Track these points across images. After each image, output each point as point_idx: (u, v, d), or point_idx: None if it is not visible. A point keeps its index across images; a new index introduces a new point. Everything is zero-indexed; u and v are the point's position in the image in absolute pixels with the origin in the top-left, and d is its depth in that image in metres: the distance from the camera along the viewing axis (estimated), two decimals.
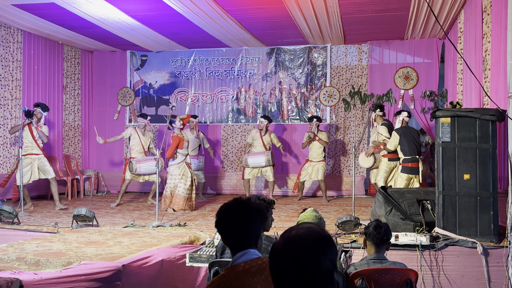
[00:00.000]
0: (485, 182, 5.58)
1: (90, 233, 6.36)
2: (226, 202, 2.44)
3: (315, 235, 1.70)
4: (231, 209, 2.38)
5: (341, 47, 11.15)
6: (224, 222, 2.37)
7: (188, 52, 11.83)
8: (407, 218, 6.01)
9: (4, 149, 9.65)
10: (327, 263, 1.66)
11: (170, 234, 6.34)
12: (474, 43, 7.34)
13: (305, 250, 1.66)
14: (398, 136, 7.87)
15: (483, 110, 5.75)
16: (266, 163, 9.87)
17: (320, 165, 9.93)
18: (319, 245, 1.68)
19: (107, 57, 12.20)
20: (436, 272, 5.45)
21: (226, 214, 2.38)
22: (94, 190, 11.49)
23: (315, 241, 1.69)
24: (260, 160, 9.89)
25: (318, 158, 9.94)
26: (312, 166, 9.96)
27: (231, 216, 2.36)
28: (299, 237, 1.70)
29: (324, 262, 1.66)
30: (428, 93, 10.40)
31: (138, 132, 9.70)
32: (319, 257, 1.66)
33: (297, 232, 1.72)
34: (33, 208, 8.77)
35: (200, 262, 4.90)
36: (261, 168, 10.04)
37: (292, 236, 1.71)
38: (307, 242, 1.68)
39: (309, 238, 1.69)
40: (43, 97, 10.61)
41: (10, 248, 5.38)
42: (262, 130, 10.09)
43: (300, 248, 1.67)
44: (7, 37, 9.73)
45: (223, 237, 2.38)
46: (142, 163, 9.31)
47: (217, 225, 2.39)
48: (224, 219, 2.37)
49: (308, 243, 1.68)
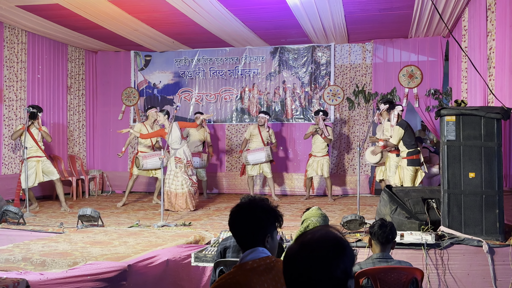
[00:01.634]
0: (490, 180, 5.56)
1: (95, 233, 6.38)
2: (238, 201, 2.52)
3: (330, 242, 1.64)
4: (240, 208, 2.43)
5: (345, 45, 11.13)
6: (233, 221, 2.42)
7: (192, 52, 11.83)
8: (412, 216, 6.00)
9: (9, 150, 9.68)
10: (338, 273, 1.60)
11: (175, 234, 6.35)
12: (478, 41, 7.32)
13: (317, 259, 1.60)
14: (403, 130, 7.80)
15: (488, 108, 5.74)
16: (266, 158, 9.85)
17: (325, 160, 9.88)
18: (333, 253, 1.61)
19: (111, 58, 12.23)
20: (442, 271, 5.44)
21: (236, 213, 2.42)
22: (99, 190, 11.52)
23: (328, 249, 1.62)
24: (260, 156, 9.86)
25: (322, 152, 9.90)
26: (316, 162, 9.92)
27: (239, 215, 2.41)
28: (313, 243, 1.64)
29: (335, 272, 1.60)
30: (432, 91, 10.37)
31: (147, 127, 9.70)
32: (330, 267, 1.60)
33: (312, 237, 1.66)
34: (39, 209, 8.80)
35: (206, 262, 4.91)
36: (260, 165, 10.02)
37: (306, 241, 1.66)
38: (320, 250, 1.62)
39: (323, 245, 1.63)
40: (48, 97, 10.65)
41: (16, 249, 5.40)
42: (263, 126, 10.07)
43: (312, 255, 1.61)
44: (11, 38, 9.76)
45: (234, 235, 2.43)
46: (149, 158, 9.32)
47: (229, 224, 2.45)
48: (233, 218, 2.42)
49: (321, 251, 1.61)
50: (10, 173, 9.64)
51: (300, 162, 11.29)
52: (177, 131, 8.60)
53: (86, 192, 10.94)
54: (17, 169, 9.72)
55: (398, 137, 7.83)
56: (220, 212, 8.45)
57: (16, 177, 9.22)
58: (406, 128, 7.81)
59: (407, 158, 7.77)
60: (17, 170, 9.71)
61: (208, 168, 10.74)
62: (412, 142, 7.76)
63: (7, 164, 9.64)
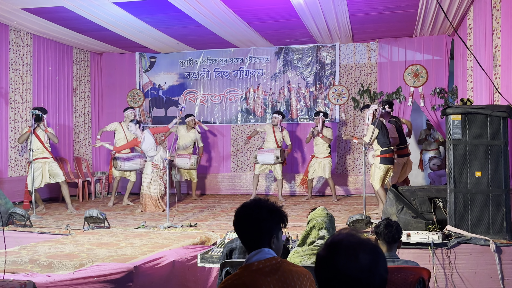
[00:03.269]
0: (497, 179, 5.53)
1: (101, 234, 6.39)
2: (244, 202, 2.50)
3: (370, 248, 1.66)
4: (245, 208, 2.43)
5: (350, 45, 11.11)
6: (238, 221, 2.42)
7: (196, 53, 11.84)
8: (418, 216, 5.98)
9: (15, 152, 9.72)
10: (377, 280, 1.63)
11: (181, 235, 6.36)
12: (484, 39, 7.28)
13: (360, 264, 1.62)
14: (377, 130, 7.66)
15: (494, 106, 5.71)
16: (275, 161, 9.86)
17: (327, 161, 9.86)
18: (372, 260, 1.64)
19: (116, 59, 12.26)
20: (449, 270, 5.42)
21: (241, 213, 2.42)
22: (105, 192, 11.54)
23: (369, 254, 1.64)
24: (269, 157, 9.87)
25: (324, 154, 9.88)
26: (318, 163, 9.92)
27: (245, 215, 2.41)
28: (354, 248, 1.65)
29: (374, 279, 1.63)
30: (438, 90, 10.34)
31: (123, 127, 9.77)
32: (373, 274, 1.62)
33: (348, 242, 1.67)
34: (45, 211, 8.82)
35: (212, 263, 4.91)
36: (271, 165, 10.04)
37: (344, 245, 1.66)
38: (362, 256, 1.63)
39: (364, 251, 1.65)
40: (53, 100, 10.68)
41: (22, 251, 5.42)
42: (276, 126, 10.07)
43: (357, 259, 1.63)
44: (17, 41, 9.80)
45: (239, 236, 2.43)
46: (128, 161, 9.52)
47: (234, 224, 2.45)
48: (239, 218, 2.42)
49: (364, 257, 1.63)
50: (16, 175, 9.68)
51: (304, 162, 11.27)
52: (150, 138, 8.82)
53: (92, 193, 10.97)
54: (23, 172, 9.76)
55: (370, 136, 7.64)
56: (226, 213, 8.46)
57: (22, 180, 9.26)
58: (381, 127, 7.75)
59: (380, 156, 7.72)
60: (23, 172, 9.75)
61: (212, 169, 10.73)
62: (385, 141, 7.70)
63: (13, 166, 9.68)
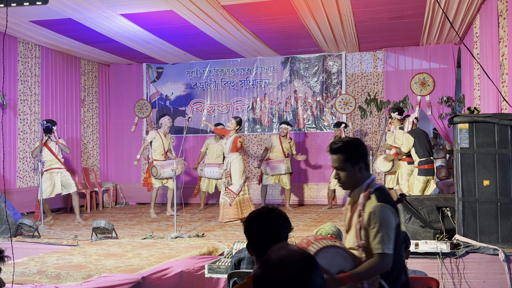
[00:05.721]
0: (505, 188, 5.50)
1: (109, 245, 6.40)
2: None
3: (299, 258, 1.64)
4: (254, 216, 2.47)
5: (356, 54, 11.12)
6: (248, 229, 2.46)
7: (203, 63, 11.90)
8: (426, 225, 5.95)
9: (24, 163, 9.77)
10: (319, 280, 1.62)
11: (189, 245, 6.35)
12: (490, 47, 7.27)
13: (290, 277, 1.60)
14: (413, 139, 7.80)
15: (502, 115, 5.69)
16: (285, 171, 9.88)
17: None
18: (303, 269, 1.62)
19: (123, 70, 12.33)
20: (458, 280, 5.38)
21: (250, 221, 2.46)
22: (113, 202, 11.57)
23: (298, 265, 1.62)
24: (280, 168, 9.90)
25: None
26: None
27: (253, 223, 2.45)
28: (284, 262, 1.63)
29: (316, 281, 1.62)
30: (445, 98, 10.30)
31: (160, 134, 9.73)
32: (305, 283, 1.60)
33: (278, 256, 1.65)
34: (53, 222, 8.85)
35: (219, 273, 4.90)
36: (279, 176, 10.03)
37: (274, 260, 1.64)
38: (291, 267, 1.61)
39: (293, 262, 1.63)
40: (61, 111, 10.74)
41: (31, 262, 5.44)
42: (285, 137, 10.07)
43: (286, 273, 1.61)
44: (25, 52, 9.89)
45: (249, 242, 2.46)
46: (166, 167, 9.33)
47: (245, 231, 2.49)
48: (248, 226, 2.46)
49: (292, 268, 1.61)
50: (25, 186, 9.72)
51: (311, 172, 11.26)
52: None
53: (100, 204, 11.00)
54: (32, 183, 9.81)
55: (407, 145, 7.81)
56: (234, 223, 8.45)
57: (30, 190, 9.30)
58: (417, 136, 7.78)
59: (418, 167, 7.77)
60: (32, 183, 9.79)
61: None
62: (424, 151, 7.72)
63: (21, 177, 9.73)
